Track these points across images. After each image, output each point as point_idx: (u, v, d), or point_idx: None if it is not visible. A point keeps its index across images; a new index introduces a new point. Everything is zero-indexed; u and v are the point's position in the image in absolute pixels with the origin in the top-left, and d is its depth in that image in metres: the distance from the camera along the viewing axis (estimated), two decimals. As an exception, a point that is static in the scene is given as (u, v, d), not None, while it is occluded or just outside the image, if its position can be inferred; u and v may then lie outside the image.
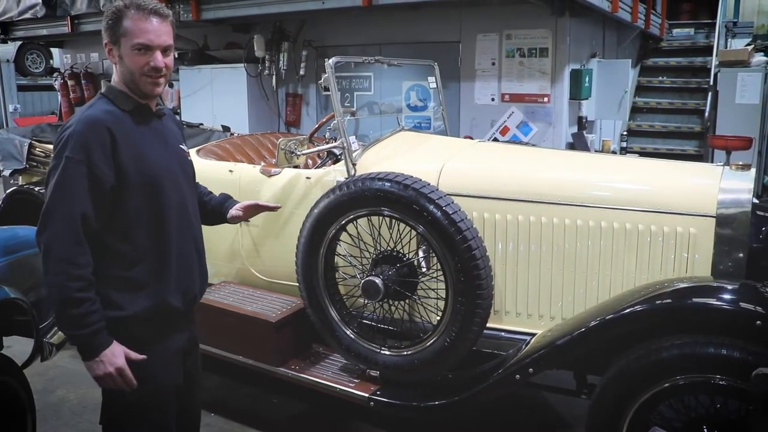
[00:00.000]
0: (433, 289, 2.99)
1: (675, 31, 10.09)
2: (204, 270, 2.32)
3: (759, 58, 8.22)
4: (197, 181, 2.45)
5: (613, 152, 7.52)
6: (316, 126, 4.06)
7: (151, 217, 2.07)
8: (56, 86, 10.20)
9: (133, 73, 2.05)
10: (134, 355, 2.02)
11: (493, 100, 6.64)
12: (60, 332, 3.10)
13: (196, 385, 2.38)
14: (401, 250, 3.03)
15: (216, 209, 2.60)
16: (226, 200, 2.63)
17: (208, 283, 2.39)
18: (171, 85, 8.51)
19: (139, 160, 2.04)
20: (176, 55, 7.92)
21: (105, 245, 2.01)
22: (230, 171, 3.74)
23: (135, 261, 2.05)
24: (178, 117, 7.15)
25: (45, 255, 1.94)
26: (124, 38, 2.03)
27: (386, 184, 2.85)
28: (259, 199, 3.10)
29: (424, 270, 3.00)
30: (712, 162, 6.48)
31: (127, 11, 2.02)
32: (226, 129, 5.82)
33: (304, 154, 3.55)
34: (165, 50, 2.07)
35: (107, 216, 2.00)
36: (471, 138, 5.51)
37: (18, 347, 3.25)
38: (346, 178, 3.17)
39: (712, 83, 8.24)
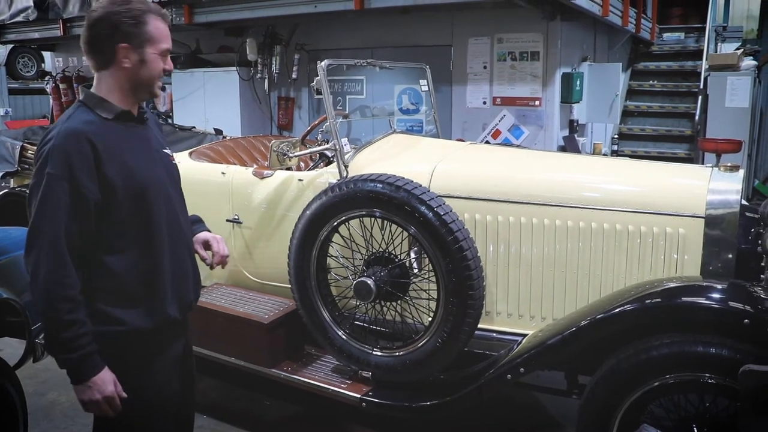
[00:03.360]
0: (424, 290, 2.99)
1: (665, 35, 10.16)
2: (197, 276, 2.28)
3: (748, 62, 8.29)
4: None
5: (604, 155, 7.56)
6: (309, 128, 4.06)
7: (141, 228, 2.01)
8: (48, 90, 10.18)
9: (153, 77, 2.02)
10: (121, 391, 1.95)
11: (484, 103, 6.66)
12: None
13: (190, 389, 2.36)
14: (393, 252, 3.03)
15: None
16: (193, 224, 2.39)
17: (201, 286, 2.37)
18: (163, 89, 8.49)
19: (124, 172, 1.95)
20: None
21: (96, 260, 1.96)
22: (222, 173, 3.74)
23: (128, 274, 1.99)
24: (169, 119, 7.16)
25: (33, 277, 1.88)
26: (149, 42, 1.98)
27: (378, 185, 2.86)
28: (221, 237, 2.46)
29: (415, 271, 3.01)
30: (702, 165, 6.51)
31: (148, 15, 1.98)
32: (218, 132, 5.82)
33: (296, 156, 3.56)
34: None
35: (95, 231, 1.94)
36: (463, 141, 5.52)
37: (8, 350, 3.24)
38: (338, 180, 3.18)
39: (702, 87, 8.30)
